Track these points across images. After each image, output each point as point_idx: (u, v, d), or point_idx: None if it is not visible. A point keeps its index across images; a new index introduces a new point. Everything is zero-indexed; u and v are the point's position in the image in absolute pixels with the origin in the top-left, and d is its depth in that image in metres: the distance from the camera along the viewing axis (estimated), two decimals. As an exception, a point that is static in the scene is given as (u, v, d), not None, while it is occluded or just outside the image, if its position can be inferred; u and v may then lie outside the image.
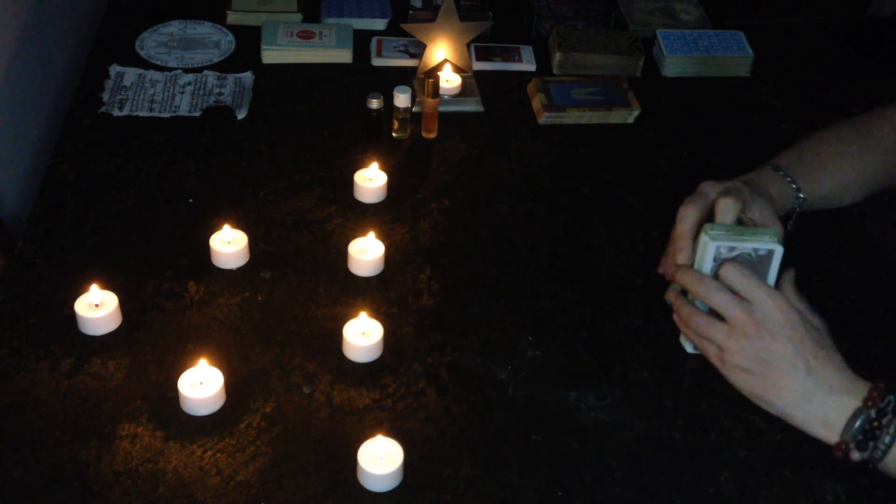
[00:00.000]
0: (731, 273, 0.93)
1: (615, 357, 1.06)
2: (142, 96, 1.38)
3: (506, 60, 1.54)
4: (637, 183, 1.32)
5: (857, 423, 0.87)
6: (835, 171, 1.12)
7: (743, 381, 0.93)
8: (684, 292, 1.00)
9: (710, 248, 0.96)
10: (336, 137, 1.35)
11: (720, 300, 0.93)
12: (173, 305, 1.07)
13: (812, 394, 0.90)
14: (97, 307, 1.02)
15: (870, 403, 0.87)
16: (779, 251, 0.96)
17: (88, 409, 0.95)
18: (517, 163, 1.35)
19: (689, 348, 1.03)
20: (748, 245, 0.95)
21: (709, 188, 1.03)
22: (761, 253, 0.95)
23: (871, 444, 0.87)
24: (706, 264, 0.97)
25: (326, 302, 1.09)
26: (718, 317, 0.95)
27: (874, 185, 1.16)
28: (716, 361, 0.95)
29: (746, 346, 0.91)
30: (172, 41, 1.51)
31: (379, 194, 1.24)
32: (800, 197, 1.08)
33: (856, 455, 0.89)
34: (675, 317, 1.00)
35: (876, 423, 0.87)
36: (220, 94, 1.40)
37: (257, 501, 0.88)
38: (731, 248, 0.95)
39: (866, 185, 1.15)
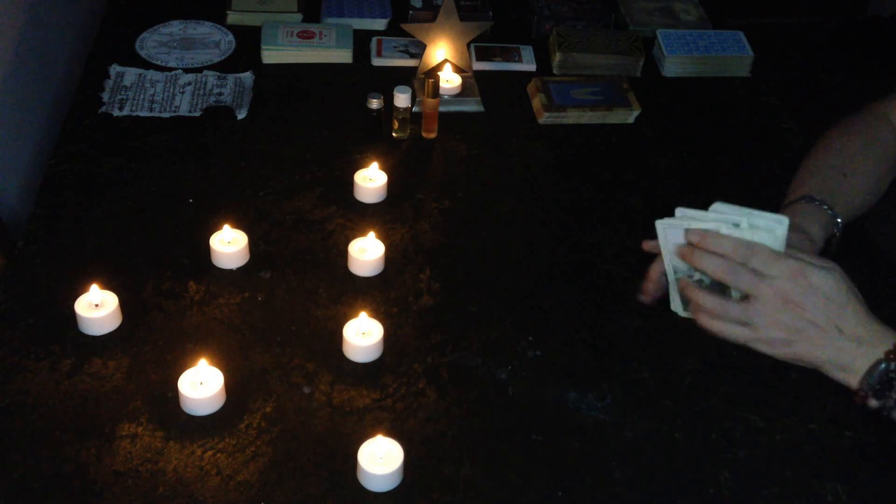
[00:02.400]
0: (748, 251, 0.91)
1: (615, 357, 1.06)
2: (142, 96, 1.38)
3: (506, 60, 1.54)
4: (637, 183, 1.32)
5: (876, 374, 0.89)
6: (859, 187, 1.12)
7: (778, 351, 0.93)
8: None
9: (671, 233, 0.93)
10: (336, 137, 1.35)
11: (746, 281, 0.91)
12: (173, 305, 1.07)
13: (843, 348, 0.91)
14: (97, 307, 1.02)
15: (892, 356, 0.89)
16: (782, 227, 0.92)
17: (88, 409, 0.95)
18: (517, 163, 1.35)
19: (681, 312, 0.99)
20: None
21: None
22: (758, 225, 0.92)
23: (886, 393, 0.90)
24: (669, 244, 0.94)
25: (326, 302, 1.09)
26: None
27: (883, 190, 1.16)
28: (748, 340, 0.93)
29: (780, 319, 0.91)
30: (172, 41, 1.51)
31: (379, 194, 1.24)
32: (838, 222, 1.08)
33: (873, 402, 0.91)
34: (692, 308, 0.96)
35: (893, 375, 0.89)
36: (220, 94, 1.41)
37: (257, 501, 0.88)
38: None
39: (879, 192, 1.16)
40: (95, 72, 1.42)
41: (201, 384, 0.95)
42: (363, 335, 1.02)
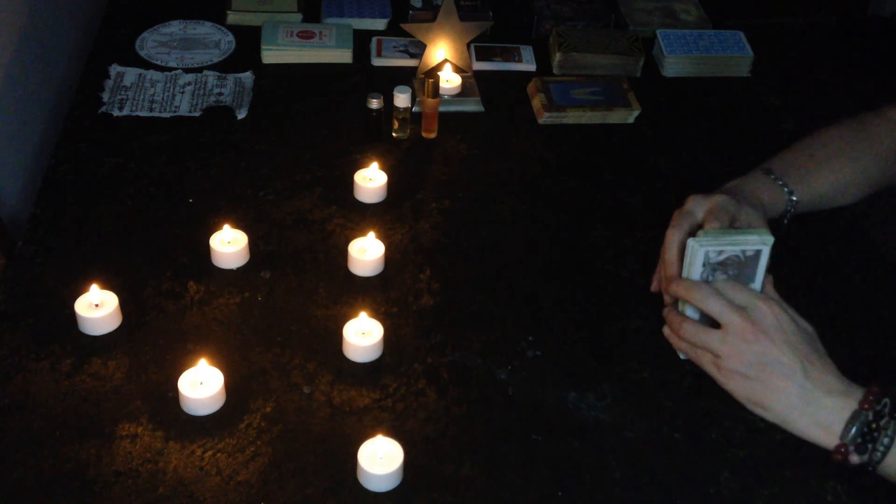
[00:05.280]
0: (724, 286, 0.93)
1: (615, 357, 1.06)
2: (142, 96, 1.38)
3: (506, 60, 1.54)
4: (637, 183, 1.32)
5: (856, 426, 0.87)
6: (831, 171, 1.12)
7: (740, 387, 0.92)
8: (675, 305, 0.99)
9: (698, 255, 0.94)
10: (336, 137, 1.35)
11: (716, 305, 0.92)
12: (173, 305, 1.07)
13: (810, 396, 0.89)
14: (97, 307, 1.02)
15: (866, 406, 0.87)
16: (766, 251, 0.95)
17: (88, 409, 0.95)
18: (517, 163, 1.35)
19: (682, 355, 1.01)
20: (736, 248, 0.94)
21: (695, 206, 1.01)
22: (749, 253, 0.95)
23: (869, 446, 0.87)
24: (695, 270, 0.95)
25: (326, 302, 1.09)
26: (712, 325, 0.94)
27: (873, 185, 1.16)
28: (711, 369, 0.93)
29: (744, 350, 0.90)
30: (172, 41, 1.51)
31: (379, 194, 1.24)
32: (792, 199, 1.08)
33: (855, 458, 0.88)
34: (666, 329, 0.99)
35: (874, 426, 0.87)
36: (220, 94, 1.41)
37: (257, 501, 0.88)
38: (719, 252, 0.94)
39: (865, 184, 1.15)
40: (95, 72, 1.42)
41: (201, 384, 0.95)
42: (363, 335, 1.02)
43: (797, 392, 0.89)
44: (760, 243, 0.94)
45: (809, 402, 0.89)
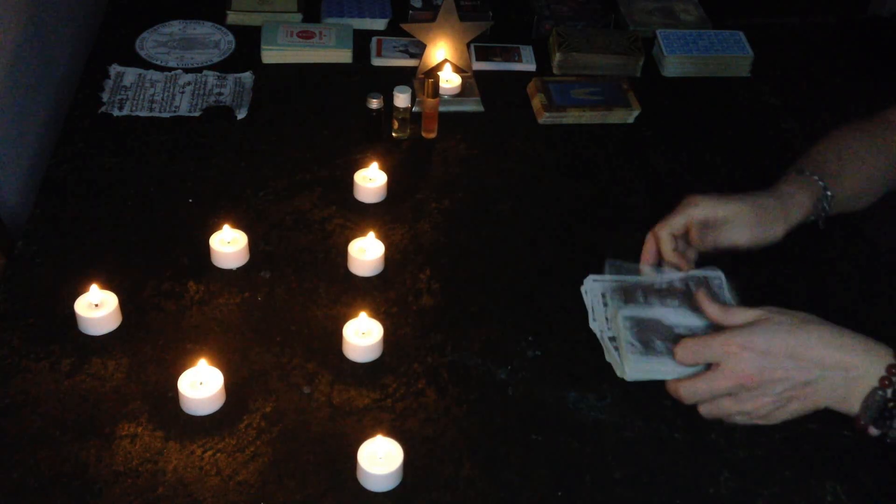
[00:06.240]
0: (685, 353, 0.94)
1: (615, 357, 1.06)
2: (142, 96, 1.38)
3: (506, 60, 1.54)
4: (637, 183, 1.32)
5: (873, 405, 0.88)
6: (854, 173, 1.13)
7: (785, 415, 0.93)
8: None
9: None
10: (336, 137, 1.35)
11: (705, 391, 0.93)
12: (173, 305, 1.07)
13: (836, 381, 0.90)
14: (97, 307, 1.02)
15: (886, 383, 0.88)
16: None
17: (88, 409, 0.95)
18: (517, 163, 1.35)
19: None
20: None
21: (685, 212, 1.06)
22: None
23: (887, 422, 0.88)
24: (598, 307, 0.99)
25: (326, 302, 1.09)
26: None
27: (883, 189, 1.16)
28: (752, 421, 0.94)
29: (760, 396, 0.91)
30: (172, 41, 1.51)
31: (379, 194, 1.24)
32: (828, 195, 1.08)
33: (873, 430, 0.90)
34: (704, 408, 0.96)
35: (892, 404, 0.88)
36: (220, 94, 1.40)
37: (257, 501, 0.88)
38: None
39: (879, 189, 1.16)
40: (95, 72, 1.42)
41: (201, 384, 0.95)
42: (363, 335, 1.02)
43: (825, 385, 0.90)
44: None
45: (836, 388, 0.90)
